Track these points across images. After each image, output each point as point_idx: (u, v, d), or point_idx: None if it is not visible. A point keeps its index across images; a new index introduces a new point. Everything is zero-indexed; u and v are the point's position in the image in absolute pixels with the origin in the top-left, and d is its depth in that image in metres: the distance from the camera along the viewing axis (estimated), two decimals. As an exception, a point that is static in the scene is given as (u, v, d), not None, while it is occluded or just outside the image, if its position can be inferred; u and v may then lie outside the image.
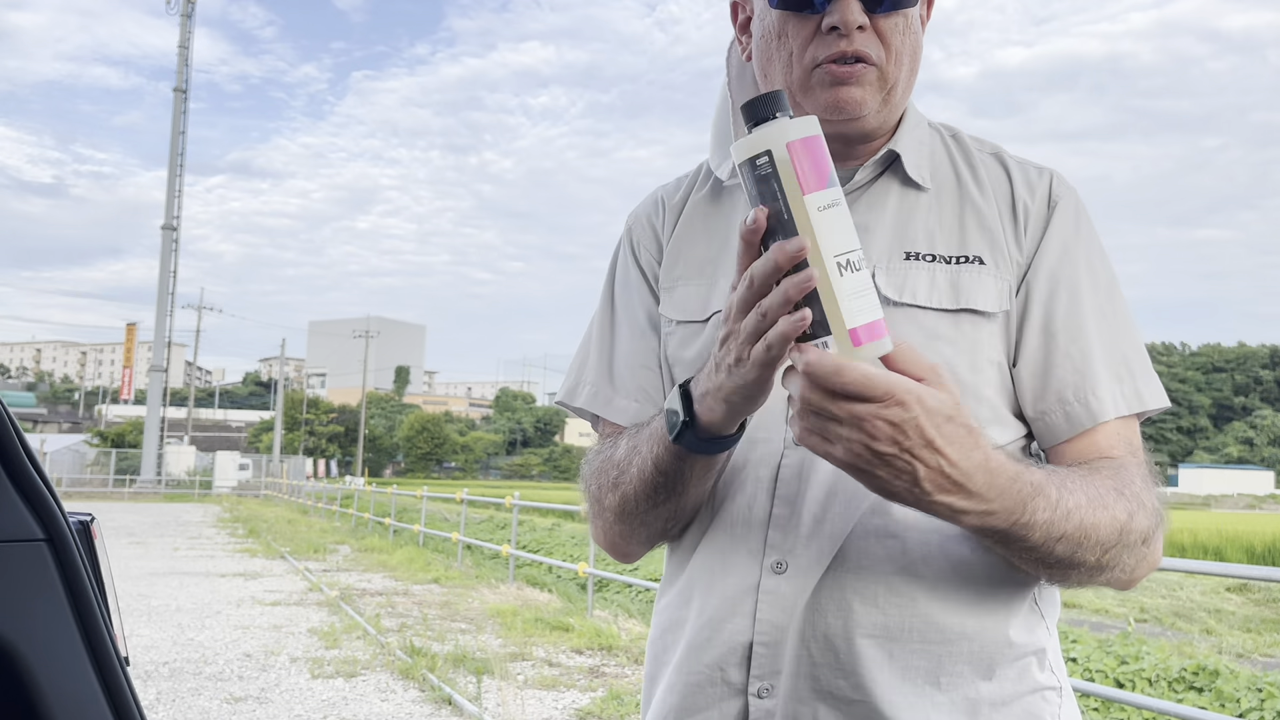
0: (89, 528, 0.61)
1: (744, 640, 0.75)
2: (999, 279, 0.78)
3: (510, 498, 9.32)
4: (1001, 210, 0.81)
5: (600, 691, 4.86)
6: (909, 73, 0.79)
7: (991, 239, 0.80)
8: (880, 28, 0.76)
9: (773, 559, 0.75)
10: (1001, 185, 0.82)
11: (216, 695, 4.71)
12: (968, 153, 0.85)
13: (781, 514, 0.76)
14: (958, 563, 0.74)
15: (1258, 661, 6.61)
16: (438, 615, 7.21)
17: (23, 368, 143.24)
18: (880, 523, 0.74)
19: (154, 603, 7.67)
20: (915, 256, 0.79)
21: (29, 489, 0.51)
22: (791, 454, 0.77)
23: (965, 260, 0.79)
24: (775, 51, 0.79)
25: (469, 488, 19.62)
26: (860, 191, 0.82)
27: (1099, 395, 0.76)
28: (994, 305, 0.77)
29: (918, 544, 0.74)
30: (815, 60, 0.76)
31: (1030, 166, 0.84)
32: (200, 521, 19.09)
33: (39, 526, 0.50)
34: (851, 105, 0.76)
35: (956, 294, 0.77)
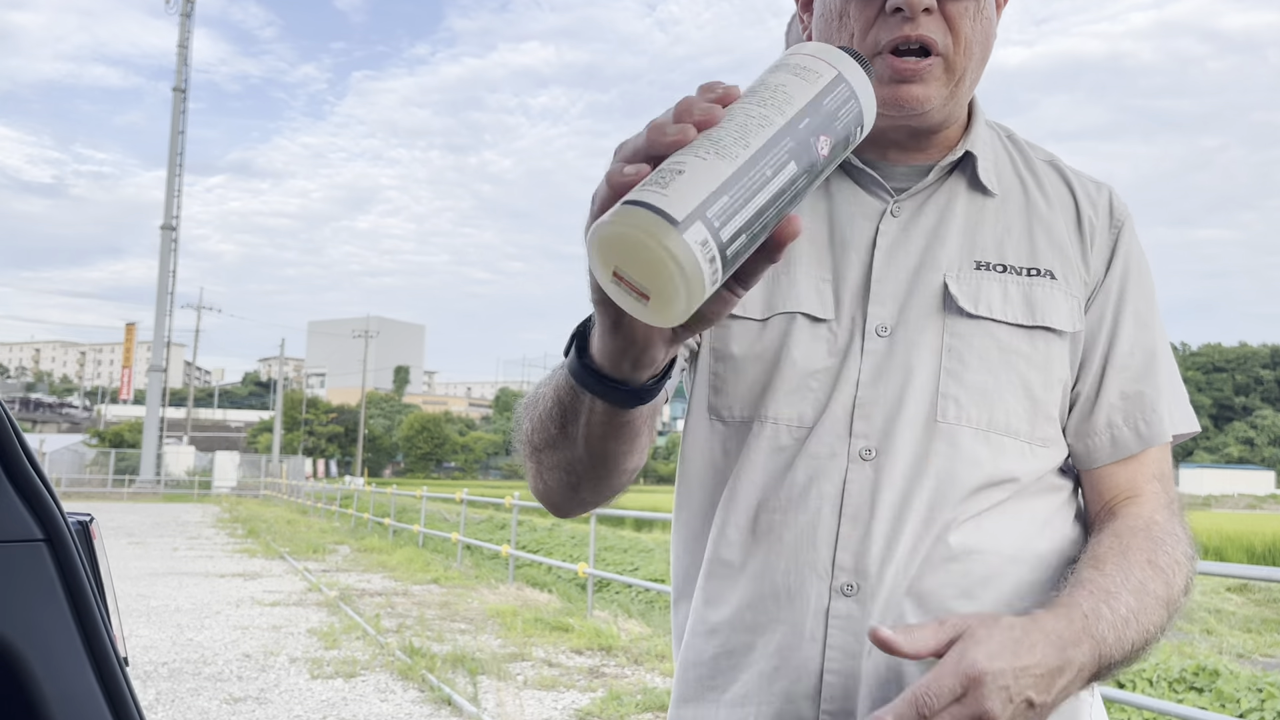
0: (88, 528, 0.61)
1: (814, 669, 0.72)
2: (1069, 296, 0.76)
3: (510, 498, 9.31)
4: (1068, 224, 0.78)
5: (600, 692, 4.85)
6: (978, 62, 0.75)
7: (1061, 253, 0.77)
8: (949, 12, 0.71)
9: (842, 581, 0.72)
10: (1065, 198, 0.80)
11: (216, 696, 4.70)
12: (1027, 158, 0.82)
13: (849, 534, 0.72)
14: (1016, 584, 0.73)
15: (1258, 662, 6.61)
16: (437, 616, 7.21)
17: (21, 368, 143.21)
18: (947, 547, 0.72)
19: (153, 603, 7.66)
20: (986, 266, 0.76)
21: (28, 489, 0.50)
22: (858, 470, 0.73)
23: (1037, 273, 0.76)
24: (836, 33, 0.74)
25: (468, 488, 19.61)
26: (929, 192, 0.78)
27: (1148, 421, 0.76)
28: (1068, 324, 0.75)
29: (980, 567, 0.72)
30: (878, 45, 0.72)
31: (1088, 180, 0.82)
32: (199, 522, 19.08)
33: (38, 527, 0.50)
34: (913, 103, 0.72)
35: (1031, 309, 0.75)
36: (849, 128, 0.51)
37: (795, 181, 0.48)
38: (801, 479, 0.74)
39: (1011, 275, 0.76)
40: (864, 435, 0.73)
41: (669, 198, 0.44)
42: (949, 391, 0.73)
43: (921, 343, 0.74)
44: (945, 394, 0.73)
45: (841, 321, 0.76)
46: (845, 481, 0.73)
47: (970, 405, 0.73)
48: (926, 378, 0.74)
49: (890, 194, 0.78)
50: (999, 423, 0.73)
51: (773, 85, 0.49)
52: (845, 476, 0.73)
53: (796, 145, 0.48)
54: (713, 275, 0.45)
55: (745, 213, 0.45)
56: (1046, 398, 0.75)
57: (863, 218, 0.78)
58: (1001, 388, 0.74)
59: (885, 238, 0.77)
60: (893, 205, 0.78)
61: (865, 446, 0.73)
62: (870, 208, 0.78)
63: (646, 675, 5.25)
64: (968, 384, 0.73)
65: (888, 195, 0.78)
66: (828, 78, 0.50)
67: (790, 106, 0.48)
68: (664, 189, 0.45)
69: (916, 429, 0.73)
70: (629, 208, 0.44)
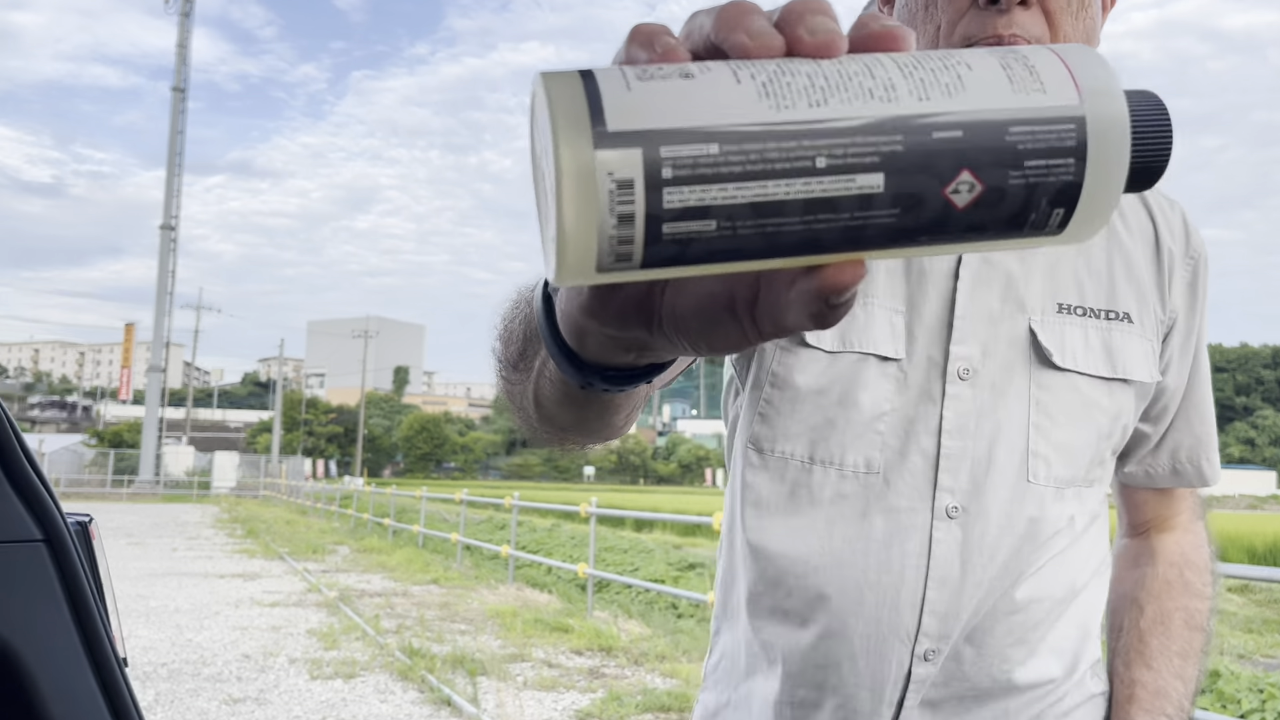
0: (87, 528, 0.60)
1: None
2: (1144, 339, 0.72)
3: (509, 498, 9.31)
4: (1146, 256, 0.73)
5: (600, 693, 4.85)
6: None
7: (1139, 292, 0.72)
8: (1050, 6, 0.64)
9: (925, 647, 0.68)
10: (1143, 223, 0.74)
11: (215, 696, 4.70)
12: None
13: (937, 599, 0.68)
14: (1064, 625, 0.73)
15: (1259, 662, 6.60)
16: (437, 616, 7.20)
17: (21, 368, 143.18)
18: (1012, 601, 0.70)
19: (152, 603, 7.66)
20: (1068, 309, 0.70)
21: (27, 490, 0.50)
22: (945, 529, 0.68)
23: (1114, 316, 0.71)
24: (921, 25, 0.67)
25: (468, 488, 19.61)
26: None
27: (1211, 461, 0.76)
28: (1145, 374, 0.71)
29: (1037, 613, 0.71)
30: (967, 40, 0.64)
31: (1163, 200, 0.76)
32: (199, 522, 19.08)
33: (37, 527, 0.50)
34: None
35: (1111, 359, 0.70)
36: (1033, 190, 0.28)
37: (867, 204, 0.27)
38: (879, 535, 0.68)
39: (1091, 319, 0.71)
40: (950, 490, 0.68)
41: (630, 94, 0.26)
42: (1039, 449, 0.69)
43: (1009, 392, 0.69)
44: (1036, 452, 0.69)
45: (914, 360, 0.69)
46: (931, 541, 0.68)
47: (1057, 463, 0.70)
48: (1017, 433, 0.69)
49: None
50: (1075, 477, 0.71)
51: (952, 61, 0.28)
52: (931, 535, 0.68)
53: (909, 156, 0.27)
54: (611, 240, 0.26)
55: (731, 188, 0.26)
56: (1110, 444, 0.73)
57: None
58: (1080, 442, 0.71)
59: (968, 268, 0.70)
60: None
61: (952, 504, 0.68)
62: None
63: (647, 676, 5.24)
64: (1055, 441, 0.70)
65: None
66: (1055, 101, 0.28)
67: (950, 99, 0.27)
68: (642, 80, 0.27)
69: (1006, 488, 0.69)
70: (569, 75, 0.27)
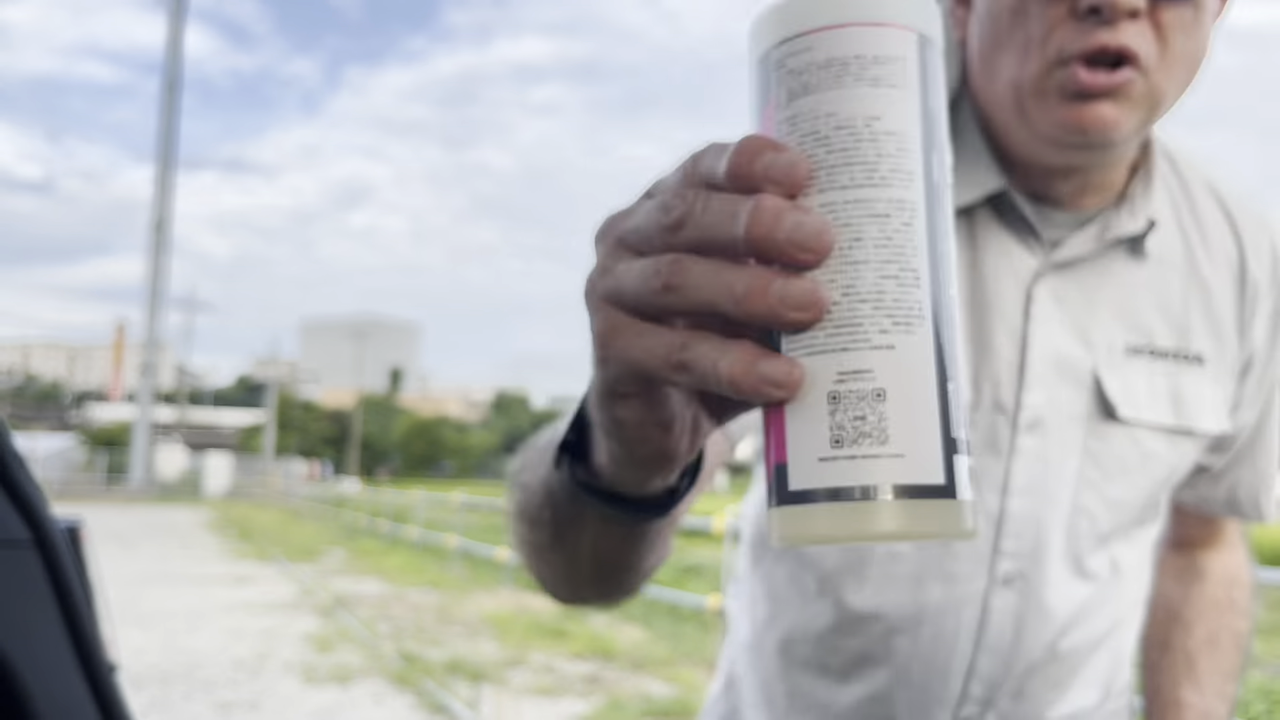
0: (77, 531, 0.59)
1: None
2: (1217, 385, 0.65)
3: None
4: (1228, 286, 0.66)
5: (599, 698, 4.83)
6: (1182, 85, 0.57)
7: (1216, 329, 0.65)
8: (1161, 18, 0.54)
9: (968, 711, 0.66)
10: (1228, 247, 0.66)
11: (207, 701, 4.67)
12: (1187, 188, 0.67)
13: (986, 666, 0.64)
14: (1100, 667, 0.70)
15: (1269, 667, 6.62)
16: (433, 621, 7.18)
17: (11, 369, 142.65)
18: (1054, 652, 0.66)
19: (144, 607, 7.62)
20: (1136, 351, 0.63)
21: (16, 491, 0.49)
22: (1002, 597, 0.63)
23: (1186, 358, 0.64)
24: (1008, 34, 0.57)
25: (465, 490, 19.59)
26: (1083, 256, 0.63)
27: (1270, 496, 0.73)
28: (1213, 425, 0.65)
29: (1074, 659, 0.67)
30: (1062, 53, 0.55)
31: (1250, 217, 0.68)
32: (191, 524, 19.02)
33: (26, 529, 0.49)
34: (1099, 128, 0.55)
35: (1177, 407, 0.63)
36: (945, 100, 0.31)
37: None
38: (934, 602, 0.63)
39: (1159, 361, 0.63)
40: (1012, 555, 0.63)
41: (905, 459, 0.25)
42: (1087, 504, 0.64)
43: (1068, 443, 0.63)
44: (1082, 507, 0.64)
45: (981, 407, 0.62)
46: (985, 610, 0.63)
47: (1103, 519, 0.65)
48: (1069, 488, 0.64)
49: (1043, 246, 0.63)
50: (1121, 525, 0.66)
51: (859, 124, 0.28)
52: (986, 603, 0.63)
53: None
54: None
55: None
56: (1166, 489, 0.67)
57: (1011, 275, 0.62)
58: (1132, 496, 0.65)
59: (1040, 305, 0.62)
60: (1049, 262, 0.63)
61: (1012, 570, 0.63)
62: (1021, 263, 0.63)
63: (646, 682, 5.23)
64: (1106, 496, 0.64)
65: (1040, 248, 0.63)
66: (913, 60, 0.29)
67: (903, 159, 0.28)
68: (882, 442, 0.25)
69: (1060, 549, 0.64)
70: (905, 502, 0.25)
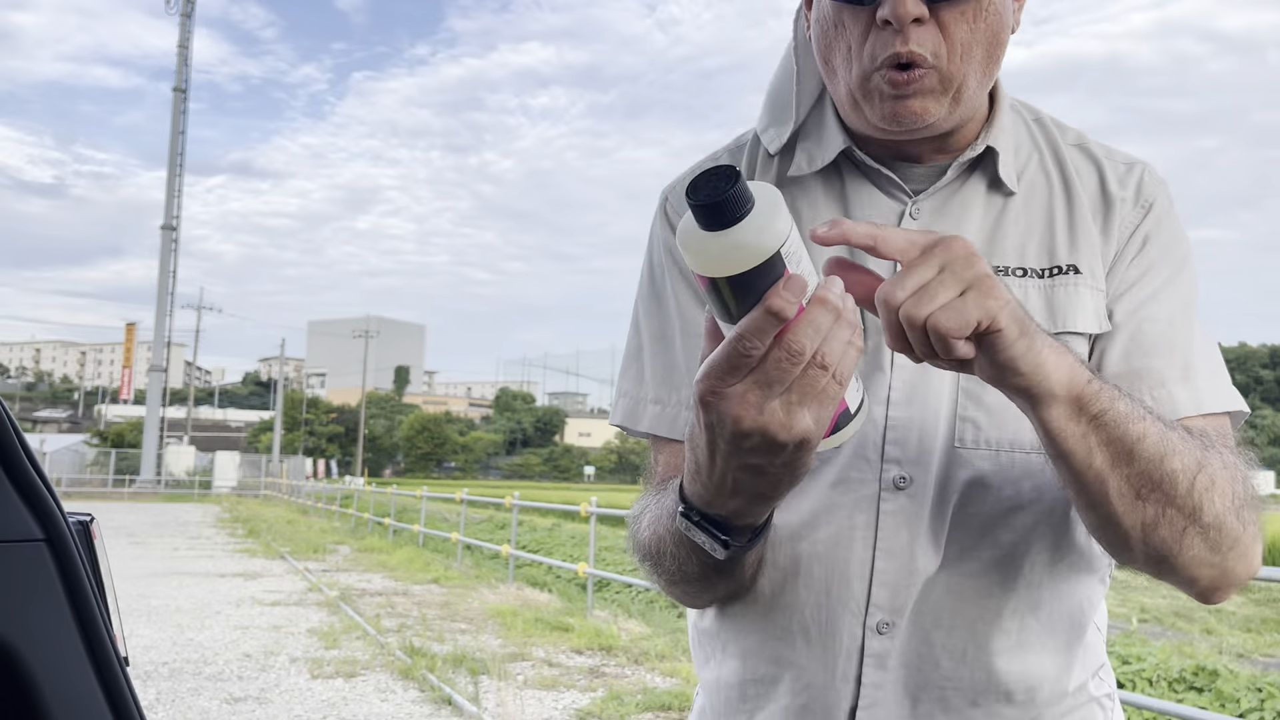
0: (88, 528, 0.60)
1: (847, 706, 0.70)
2: (1094, 290, 0.71)
3: (510, 498, 9.31)
4: (1093, 208, 0.73)
5: (600, 692, 4.85)
6: (983, 63, 0.68)
7: (1086, 242, 0.72)
8: (943, 19, 0.66)
9: (877, 619, 0.69)
10: (1091, 180, 0.75)
11: (216, 695, 4.70)
12: (1054, 143, 0.76)
13: (886, 569, 0.68)
14: (1040, 610, 0.71)
15: (1258, 661, 6.60)
16: (437, 615, 7.21)
17: (22, 367, 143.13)
18: (979, 580, 0.69)
19: (153, 603, 7.66)
20: (1005, 272, 0.71)
21: (28, 489, 0.50)
22: (892, 500, 0.68)
23: (1059, 271, 0.71)
24: (835, 41, 0.70)
25: (469, 488, 19.60)
26: (949, 192, 0.73)
27: (1156, 398, 0.69)
28: (1093, 325, 0.70)
29: (1010, 601, 0.70)
30: (874, 60, 0.67)
31: (1120, 158, 0.76)
32: (200, 521, 19.08)
33: (38, 527, 0.50)
34: (911, 117, 0.67)
35: (1053, 314, 0.70)
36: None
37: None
38: (831, 507, 0.69)
39: (1032, 279, 0.71)
40: (897, 461, 0.69)
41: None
42: (967, 413, 0.69)
43: None
44: (964, 417, 0.69)
45: (868, 330, 0.70)
46: (879, 513, 0.69)
47: (987, 426, 0.69)
48: (947, 399, 0.70)
49: (909, 195, 0.74)
50: (1022, 441, 0.69)
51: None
52: (879, 507, 0.69)
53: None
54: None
55: None
56: None
57: (879, 219, 0.73)
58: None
59: None
60: (911, 207, 0.73)
61: (899, 474, 0.69)
62: (888, 209, 0.74)
63: (647, 675, 5.24)
64: (985, 405, 0.69)
65: (906, 196, 0.74)
66: (792, 244, 0.52)
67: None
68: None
69: (944, 454, 0.69)
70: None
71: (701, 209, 0.50)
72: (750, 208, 0.50)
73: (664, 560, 0.69)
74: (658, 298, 0.79)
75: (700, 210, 0.50)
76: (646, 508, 0.73)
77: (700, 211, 0.50)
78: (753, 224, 0.50)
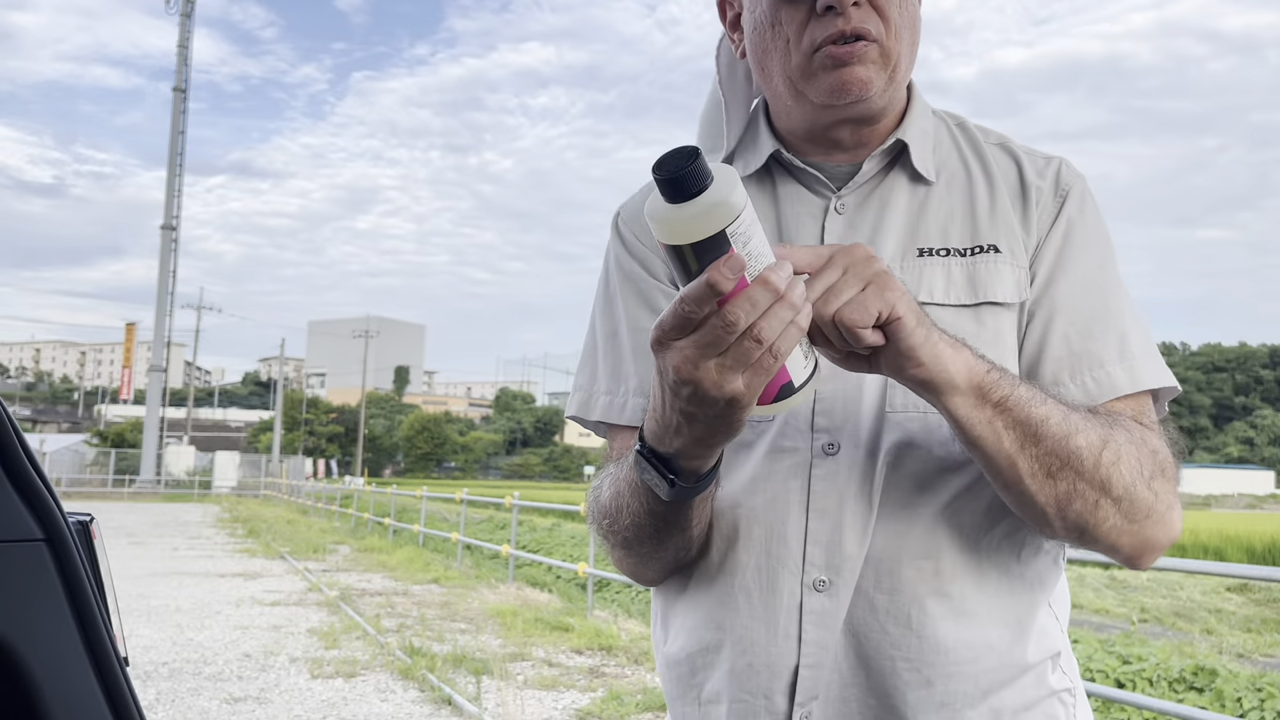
0: (88, 528, 0.60)
1: (790, 664, 0.73)
2: (1015, 266, 0.77)
3: (510, 498, 9.31)
4: (1012, 198, 0.79)
5: (600, 692, 4.85)
6: (909, 46, 0.77)
7: (1005, 225, 0.78)
8: (876, 1, 0.74)
9: (814, 577, 0.73)
10: (1010, 172, 0.81)
11: (216, 695, 4.70)
12: (975, 142, 0.83)
13: (819, 528, 0.73)
14: (985, 579, 0.73)
15: (1258, 661, 6.60)
16: (437, 615, 7.21)
17: (22, 367, 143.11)
18: (918, 543, 0.72)
19: (153, 603, 7.66)
20: (929, 253, 0.77)
21: (28, 489, 0.50)
22: (822, 464, 0.74)
23: (980, 250, 0.77)
24: (771, 41, 0.76)
25: (469, 488, 19.61)
26: (870, 186, 0.80)
27: (1096, 379, 0.74)
28: (1013, 295, 0.76)
29: (950, 564, 0.72)
30: (814, 43, 0.74)
31: (1038, 155, 0.83)
32: (200, 521, 19.08)
33: (38, 526, 0.50)
34: (857, 85, 0.73)
35: (974, 287, 0.76)
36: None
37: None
38: (768, 474, 0.75)
39: (954, 258, 0.77)
40: (825, 430, 0.74)
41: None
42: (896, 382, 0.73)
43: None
44: (894, 383, 0.73)
45: None
46: (811, 477, 0.74)
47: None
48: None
49: (833, 191, 0.80)
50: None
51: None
52: (810, 472, 0.74)
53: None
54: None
55: None
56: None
57: (808, 215, 0.80)
58: None
59: (831, 235, 0.79)
60: (835, 201, 0.80)
61: (828, 441, 0.74)
62: (815, 205, 0.80)
63: (647, 675, 5.24)
64: None
65: (831, 191, 0.80)
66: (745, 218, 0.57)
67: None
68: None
69: (871, 420, 0.74)
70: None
71: (664, 183, 0.55)
72: (709, 183, 0.56)
73: (620, 517, 0.74)
74: (609, 301, 0.86)
75: (663, 184, 0.56)
76: (608, 474, 0.79)
77: (663, 185, 0.56)
78: (708, 198, 0.55)
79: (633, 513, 0.73)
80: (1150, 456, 0.70)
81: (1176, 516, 0.72)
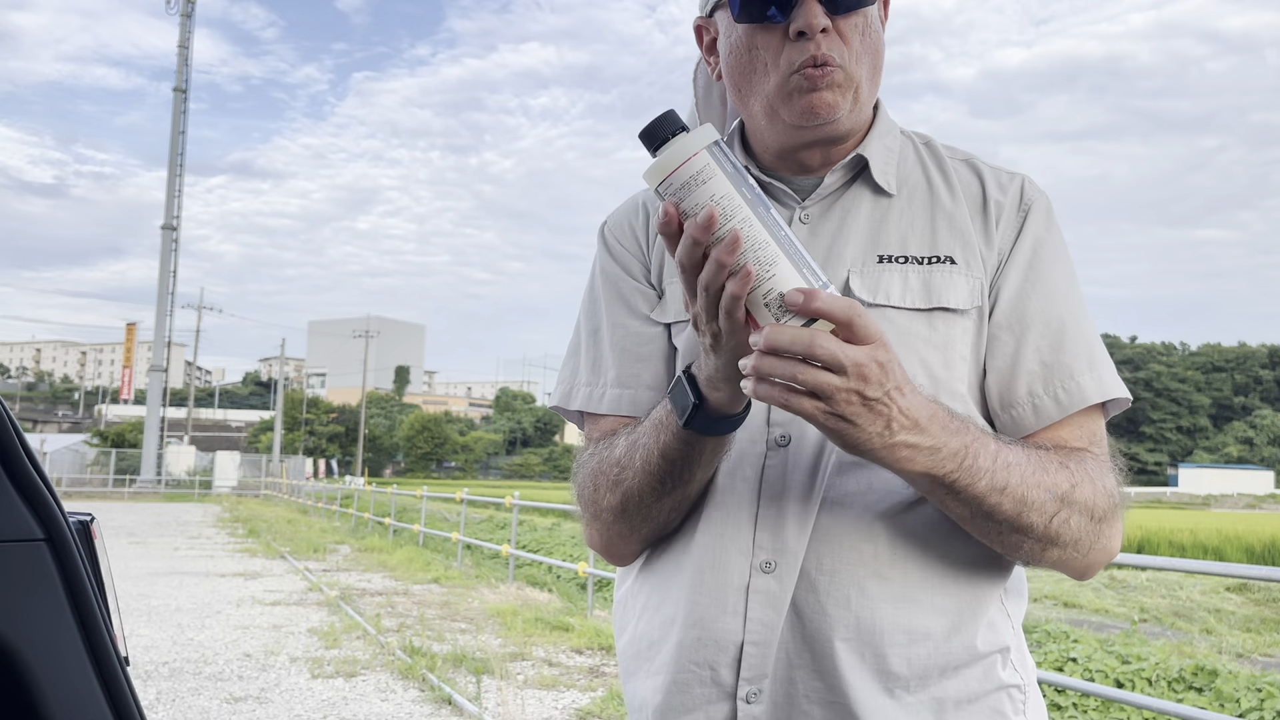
0: (89, 527, 0.61)
1: (736, 640, 0.77)
2: (970, 277, 0.81)
3: (510, 497, 9.31)
4: (972, 211, 0.84)
5: (600, 691, 4.85)
6: (871, 71, 0.82)
7: (963, 239, 0.82)
8: (841, 29, 0.79)
9: (761, 559, 0.77)
10: (973, 187, 0.85)
11: (216, 695, 4.70)
12: (939, 159, 0.88)
13: (767, 514, 0.78)
14: (928, 567, 0.76)
15: (1258, 661, 6.61)
16: (437, 615, 7.21)
17: (22, 367, 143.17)
18: (859, 528, 0.76)
19: (154, 602, 7.67)
20: (888, 259, 0.82)
21: (29, 489, 0.50)
22: (775, 455, 0.79)
23: (937, 260, 0.81)
24: (749, 65, 0.81)
25: (469, 487, 19.61)
26: (833, 198, 0.85)
27: (1068, 390, 0.79)
28: (965, 302, 0.80)
29: (889, 548, 0.76)
30: (791, 66, 0.79)
31: (1002, 172, 0.87)
32: (200, 521, 19.09)
33: (39, 526, 0.50)
34: (825, 109, 0.79)
35: (929, 293, 0.80)
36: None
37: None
38: (727, 465, 0.80)
39: (912, 265, 0.81)
40: (779, 424, 0.79)
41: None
42: None
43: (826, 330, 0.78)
44: None
45: None
46: (765, 467, 0.79)
47: None
48: None
49: (798, 202, 0.85)
50: None
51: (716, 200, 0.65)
52: (764, 462, 0.79)
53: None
54: None
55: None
56: (948, 375, 0.79)
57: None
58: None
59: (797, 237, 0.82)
60: (800, 212, 0.84)
61: (781, 434, 0.79)
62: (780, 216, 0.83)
63: (646, 675, 5.24)
64: None
65: (796, 203, 0.85)
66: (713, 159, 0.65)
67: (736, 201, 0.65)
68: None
69: None
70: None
71: (641, 136, 0.66)
72: (676, 134, 0.65)
73: (632, 461, 0.79)
74: (594, 302, 0.92)
75: (642, 138, 0.66)
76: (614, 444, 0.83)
77: (642, 139, 0.66)
78: (675, 144, 0.65)
79: (645, 451, 0.77)
80: (1105, 498, 0.76)
81: (1118, 538, 0.79)
